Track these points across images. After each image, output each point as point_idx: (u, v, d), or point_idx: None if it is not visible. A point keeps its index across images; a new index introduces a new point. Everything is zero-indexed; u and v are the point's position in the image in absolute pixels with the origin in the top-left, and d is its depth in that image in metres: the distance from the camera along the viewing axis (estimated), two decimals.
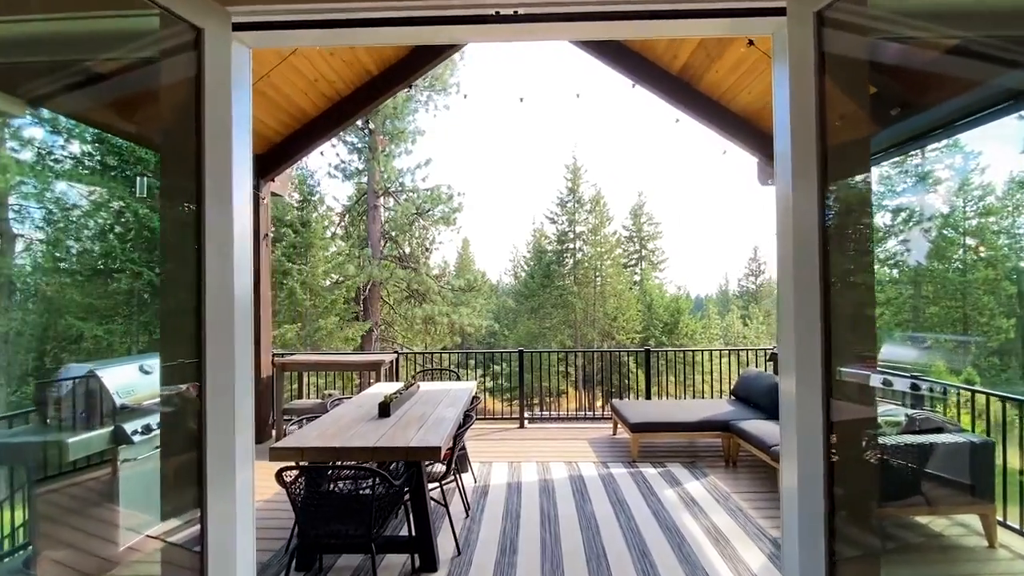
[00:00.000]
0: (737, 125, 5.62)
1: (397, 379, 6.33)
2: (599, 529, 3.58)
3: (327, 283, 22.85)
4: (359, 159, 23.57)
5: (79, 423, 3.13)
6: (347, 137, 23.14)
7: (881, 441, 3.26)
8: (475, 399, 4.41)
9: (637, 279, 40.14)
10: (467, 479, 4.52)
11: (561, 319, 33.61)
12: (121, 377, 3.44)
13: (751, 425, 4.68)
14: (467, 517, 3.79)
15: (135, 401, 3.37)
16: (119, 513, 3.28)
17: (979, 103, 2.43)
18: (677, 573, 2.98)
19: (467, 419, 3.76)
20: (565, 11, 2.02)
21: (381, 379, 5.68)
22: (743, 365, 9.39)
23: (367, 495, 2.65)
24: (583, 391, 30.08)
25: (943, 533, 3.34)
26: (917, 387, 3.60)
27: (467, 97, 20.32)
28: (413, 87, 21.82)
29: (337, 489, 2.88)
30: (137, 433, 3.27)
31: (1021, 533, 3.20)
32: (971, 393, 3.85)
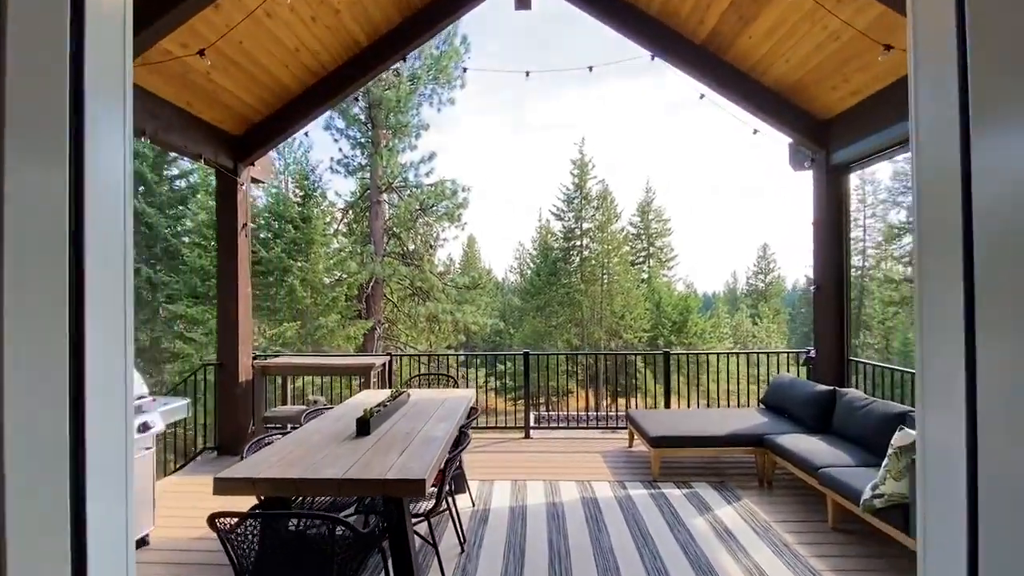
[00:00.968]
0: (770, 100, 5.00)
1: (389, 384, 5.77)
2: (619, 569, 3.00)
3: (328, 280, 22.37)
4: (362, 154, 23.05)
5: None
6: (350, 131, 22.64)
7: None
8: (473, 410, 3.83)
9: (645, 277, 39.46)
10: (463, 501, 3.95)
11: (567, 317, 32.96)
12: None
13: (790, 441, 4.07)
14: (462, 552, 3.22)
15: None
16: None
17: None
18: None
19: (462, 437, 3.18)
20: None
21: (371, 385, 5.11)
22: (752, 366, 8.78)
23: (326, 542, 2.08)
24: (590, 391, 29.49)
25: None
26: None
27: (467, 71, 19.61)
28: (416, 81, 21.26)
29: (292, 527, 2.31)
30: None
31: None
32: None
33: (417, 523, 2.75)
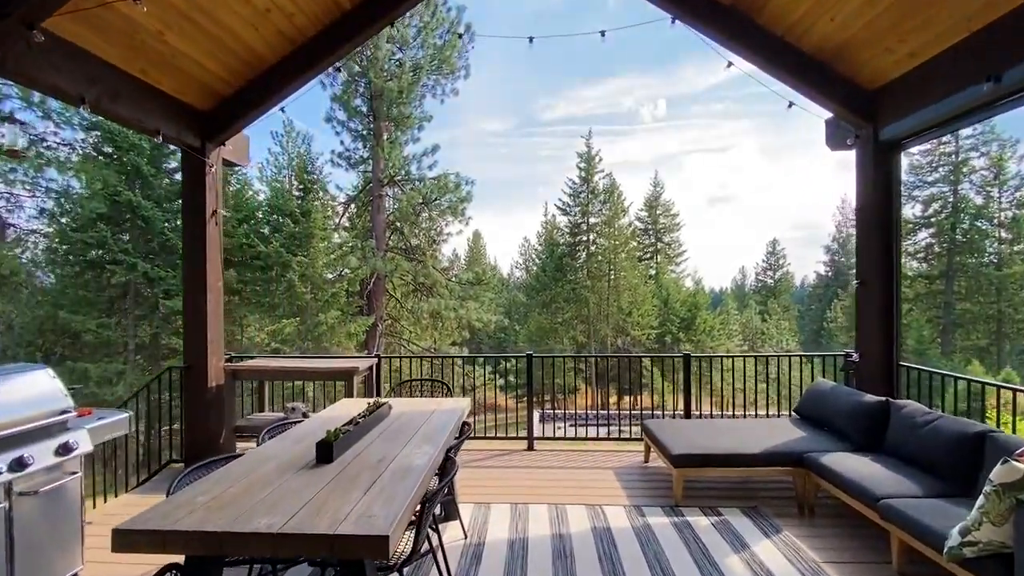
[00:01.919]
0: (809, 68, 4.36)
1: (377, 390, 5.20)
2: None
3: (329, 276, 21.84)
4: (364, 147, 22.47)
5: None
6: (351, 124, 22.05)
7: None
8: (466, 426, 3.24)
9: (652, 273, 38.74)
10: (453, 532, 3.37)
11: (573, 314, 32.35)
12: None
13: (838, 462, 3.46)
14: None
15: None
16: None
17: None
18: None
19: (449, 464, 2.60)
20: None
21: (354, 392, 4.54)
22: (761, 365, 8.16)
23: None
24: (596, 388, 28.86)
25: None
26: None
27: (471, 34, 19.14)
28: (419, 72, 20.63)
29: None
30: None
31: None
32: None
33: None
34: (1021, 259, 31.42)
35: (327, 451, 2.41)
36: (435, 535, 2.70)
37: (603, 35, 4.81)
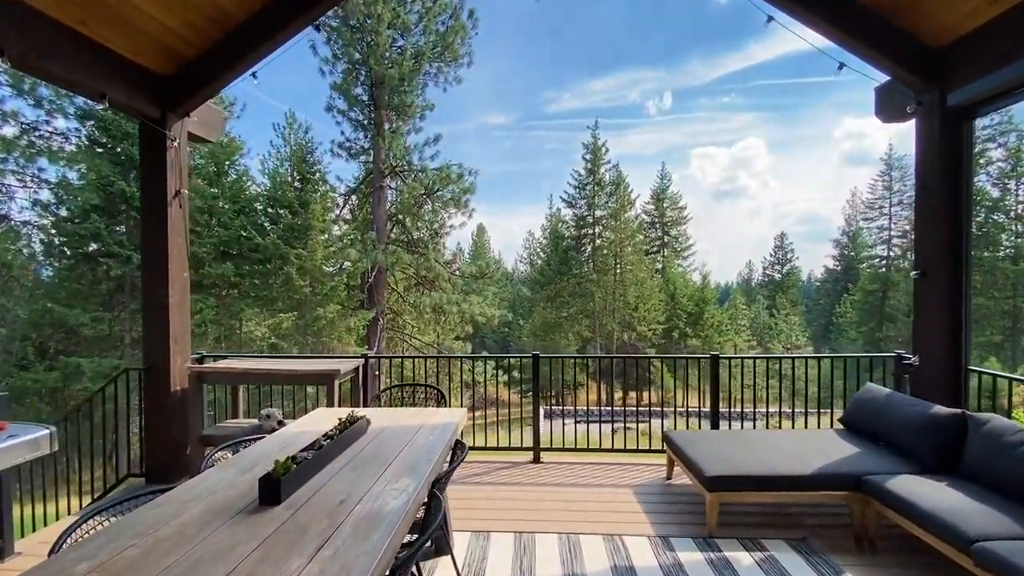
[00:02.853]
0: (863, 23, 3.72)
1: (365, 394, 4.62)
2: None
3: (329, 269, 21.29)
4: (365, 137, 21.82)
5: None
6: (352, 113, 21.39)
7: None
8: (459, 448, 2.64)
9: (659, 267, 38.03)
10: (446, 569, 2.80)
11: (579, 308, 31.71)
12: None
13: (909, 489, 2.87)
14: None
15: None
16: None
17: None
18: None
19: (435, 503, 2.02)
20: None
21: (335, 399, 3.96)
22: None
23: None
24: (601, 383, 28.26)
25: None
26: None
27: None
28: (420, 58, 19.94)
29: None
30: None
31: None
32: None
33: None
34: None
35: (272, 490, 1.84)
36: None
37: None
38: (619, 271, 31.91)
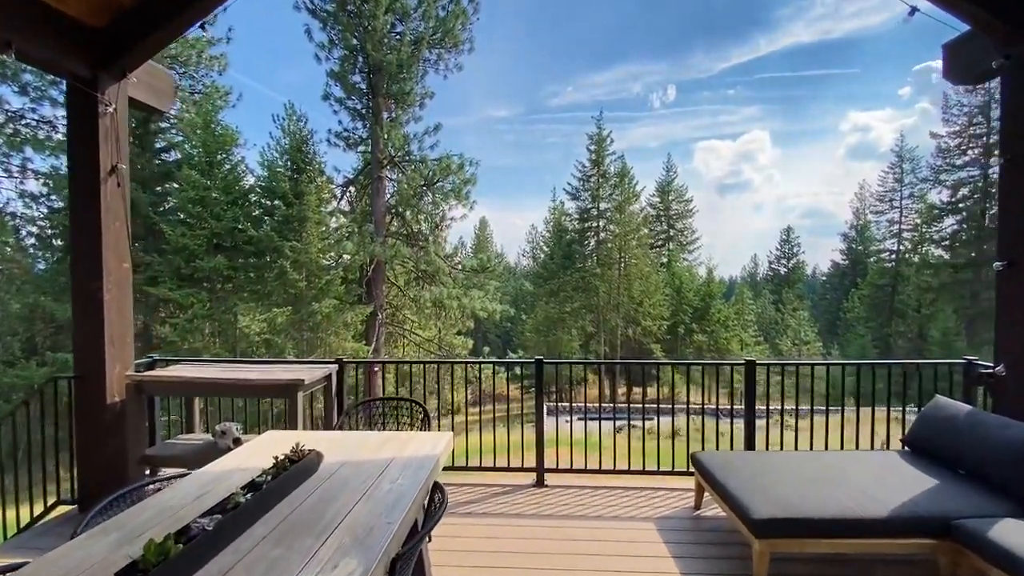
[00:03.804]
0: None
1: (340, 403, 3.97)
2: None
3: (326, 262, 20.62)
4: (363, 126, 21.08)
5: None
6: (349, 101, 20.64)
7: None
8: (437, 497, 1.96)
9: (664, 261, 37.26)
10: None
11: (582, 303, 31.00)
12: None
13: (1018, 538, 2.21)
14: None
15: None
16: None
17: None
18: None
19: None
20: None
21: (299, 413, 3.31)
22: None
23: None
24: (604, 377, 27.60)
25: None
26: None
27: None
28: (419, 44, 19.18)
29: None
30: None
31: None
32: None
33: None
34: None
35: None
36: None
37: None
38: (623, 265, 31.17)
